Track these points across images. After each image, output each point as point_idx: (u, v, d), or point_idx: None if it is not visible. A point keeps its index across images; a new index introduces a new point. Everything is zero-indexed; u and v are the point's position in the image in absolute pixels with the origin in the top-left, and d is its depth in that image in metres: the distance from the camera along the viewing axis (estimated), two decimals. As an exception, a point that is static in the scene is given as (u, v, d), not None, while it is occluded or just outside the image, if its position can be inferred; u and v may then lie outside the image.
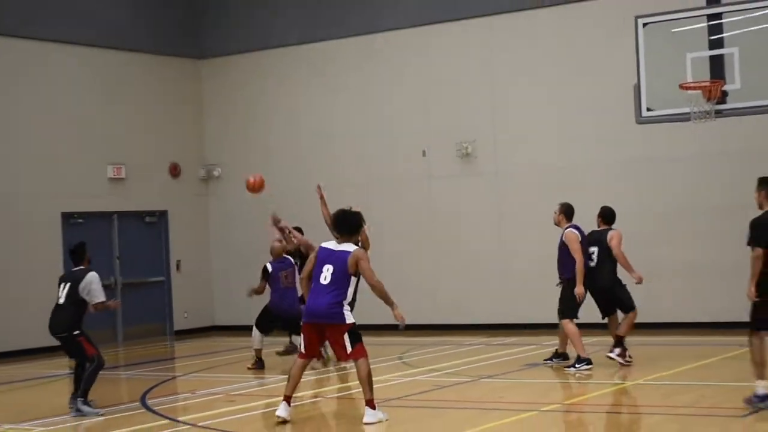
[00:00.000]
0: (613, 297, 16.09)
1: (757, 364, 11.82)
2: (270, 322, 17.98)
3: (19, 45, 22.62)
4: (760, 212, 12.20)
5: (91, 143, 23.69)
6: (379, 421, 12.19)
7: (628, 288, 16.19)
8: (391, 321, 23.19)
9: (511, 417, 12.33)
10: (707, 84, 16.44)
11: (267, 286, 17.91)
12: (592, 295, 16.13)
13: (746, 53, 16.48)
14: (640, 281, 16.13)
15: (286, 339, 18.14)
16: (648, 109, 17.04)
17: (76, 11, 23.66)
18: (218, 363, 19.49)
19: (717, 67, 16.67)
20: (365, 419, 12.22)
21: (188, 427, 12.81)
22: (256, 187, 17.04)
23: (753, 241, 11.84)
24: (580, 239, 15.91)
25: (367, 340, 19.62)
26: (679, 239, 20.69)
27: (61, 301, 14.14)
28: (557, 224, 16.37)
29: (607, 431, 12.04)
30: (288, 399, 12.54)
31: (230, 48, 25.89)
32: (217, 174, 26.00)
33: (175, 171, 25.58)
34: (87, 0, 23.86)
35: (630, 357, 16.00)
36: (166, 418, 13.44)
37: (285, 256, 18.22)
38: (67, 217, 23.13)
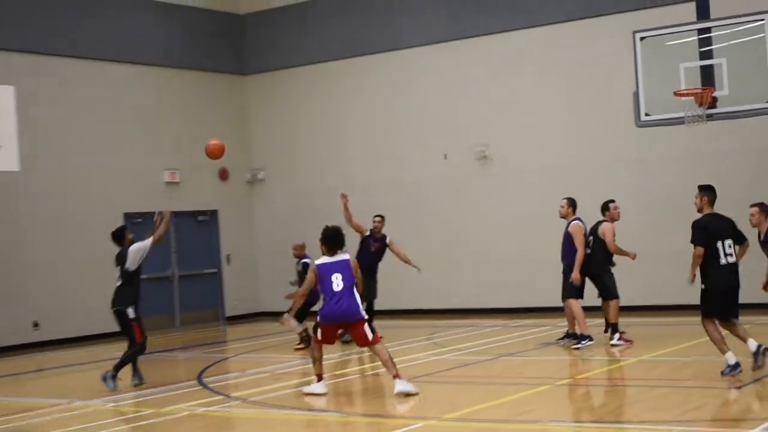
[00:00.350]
0: (601, 284, 16.18)
1: (717, 341, 12.31)
2: (309, 309, 18.06)
3: (90, 65, 22.74)
4: (699, 215, 12.69)
5: (150, 151, 23.77)
6: (409, 391, 12.20)
7: (617, 278, 16.28)
8: (421, 305, 23.23)
9: (529, 390, 12.30)
10: (699, 91, 16.39)
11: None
12: (589, 279, 16.23)
13: (733, 63, 16.46)
14: (634, 257, 16.36)
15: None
16: (646, 114, 17.00)
17: (139, 36, 23.82)
18: (265, 345, 19.50)
19: (707, 75, 16.62)
20: (398, 388, 12.25)
21: (240, 402, 12.86)
22: (216, 152, 15.32)
23: (694, 240, 12.38)
24: (584, 231, 16.02)
25: (397, 323, 19.66)
26: (677, 230, 20.54)
27: (118, 282, 14.47)
28: (563, 217, 16.39)
29: (616, 402, 11.98)
30: (320, 376, 12.83)
31: (272, 64, 25.92)
32: (261, 177, 26.06)
33: (224, 175, 25.62)
34: (147, 26, 23.99)
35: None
36: (220, 394, 13.50)
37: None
38: (129, 217, 23.15)
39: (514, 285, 22.30)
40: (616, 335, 15.90)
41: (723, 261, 12.29)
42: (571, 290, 16.04)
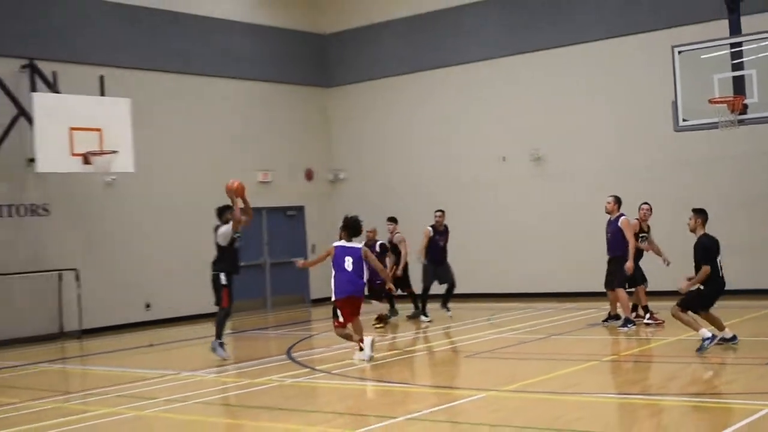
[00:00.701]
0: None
1: (691, 323, 12.68)
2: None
3: (195, 81, 22.98)
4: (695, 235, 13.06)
5: (245, 155, 23.95)
6: (370, 357, 13.30)
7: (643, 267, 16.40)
8: (481, 290, 23.02)
9: (578, 366, 12.23)
10: (731, 99, 16.20)
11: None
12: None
13: (762, 73, 16.30)
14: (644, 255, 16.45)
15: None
16: (684, 120, 16.81)
17: (238, 54, 24.02)
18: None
19: (739, 85, 16.44)
20: (366, 352, 13.33)
21: (324, 374, 12.89)
22: (238, 191, 14.49)
23: (704, 260, 12.68)
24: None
25: (460, 305, 19.61)
26: (709, 224, 20.27)
27: (216, 252, 14.66)
28: (609, 212, 16.14)
29: (655, 376, 11.88)
30: (360, 342, 13.41)
31: (351, 78, 25.98)
32: (342, 177, 26.14)
33: (309, 175, 25.75)
34: (245, 46, 24.16)
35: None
36: (307, 367, 13.55)
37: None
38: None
39: (563, 272, 22.13)
40: (647, 315, 15.80)
41: (720, 273, 12.78)
42: (619, 279, 15.83)
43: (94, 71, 20.16)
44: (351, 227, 13.56)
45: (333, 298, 13.50)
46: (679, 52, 16.85)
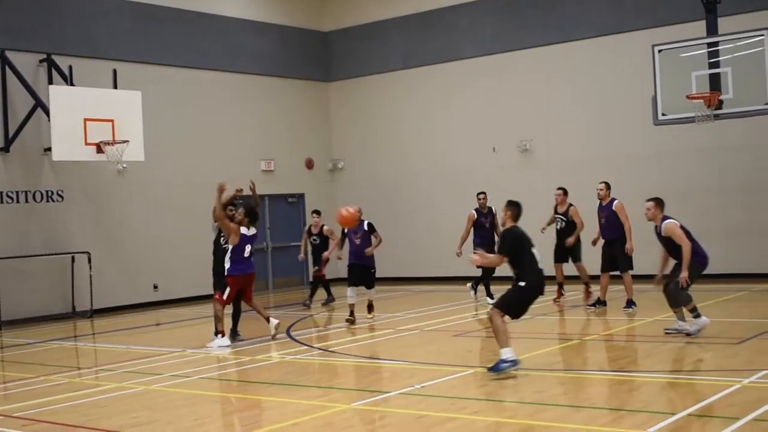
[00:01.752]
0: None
1: (503, 333, 10.41)
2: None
3: (208, 75, 22.93)
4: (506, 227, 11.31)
5: (250, 145, 23.97)
6: (277, 325, 14.16)
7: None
8: (472, 273, 23.01)
9: (561, 345, 12.25)
10: (708, 95, 16.23)
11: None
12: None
13: (736, 71, 16.37)
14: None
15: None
16: (663, 115, 16.84)
17: (243, 50, 23.97)
18: (342, 305, 19.48)
19: (715, 82, 16.49)
20: (273, 323, 14.18)
21: (321, 351, 12.93)
22: (347, 220, 16.18)
23: (502, 250, 11.01)
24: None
25: (451, 288, 19.53)
26: (683, 213, 20.29)
27: None
28: (602, 198, 15.95)
29: (633, 355, 11.86)
30: (224, 332, 13.81)
31: (350, 73, 25.96)
32: (341, 166, 26.14)
33: (310, 164, 25.74)
34: (250, 43, 24.13)
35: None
36: (306, 345, 13.59)
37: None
38: (232, 199, 23.32)
39: (548, 256, 22.09)
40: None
41: (539, 266, 10.78)
42: (627, 262, 15.65)
43: (108, 65, 20.13)
44: (252, 214, 14.06)
45: (227, 275, 13.75)
46: (659, 51, 16.88)
